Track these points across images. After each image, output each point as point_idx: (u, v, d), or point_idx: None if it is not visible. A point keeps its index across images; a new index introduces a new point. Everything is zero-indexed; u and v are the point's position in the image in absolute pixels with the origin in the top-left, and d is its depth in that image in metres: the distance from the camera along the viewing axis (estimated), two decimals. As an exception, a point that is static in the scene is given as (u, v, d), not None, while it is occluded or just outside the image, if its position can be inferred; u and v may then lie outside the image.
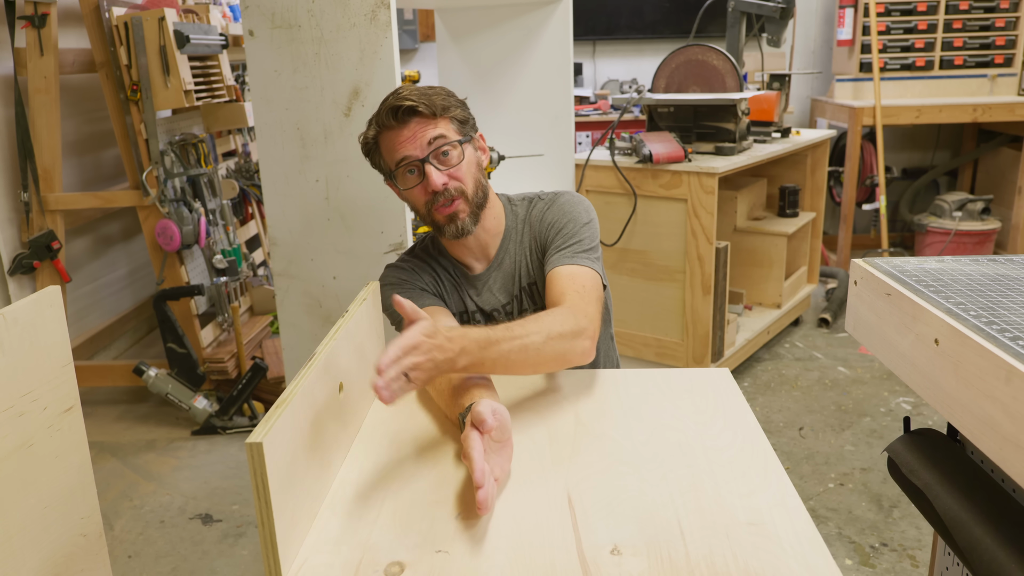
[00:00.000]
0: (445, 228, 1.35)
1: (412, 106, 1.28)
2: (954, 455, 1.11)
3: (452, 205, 1.33)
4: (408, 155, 1.30)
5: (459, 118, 1.34)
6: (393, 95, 1.32)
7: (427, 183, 1.31)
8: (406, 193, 1.36)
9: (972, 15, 4.11)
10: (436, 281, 1.46)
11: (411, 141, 1.30)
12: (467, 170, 1.34)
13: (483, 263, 1.45)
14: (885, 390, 3.01)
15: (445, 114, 1.32)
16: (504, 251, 1.44)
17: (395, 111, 1.29)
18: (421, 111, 1.29)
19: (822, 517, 2.23)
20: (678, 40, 4.29)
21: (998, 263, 1.21)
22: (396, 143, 1.31)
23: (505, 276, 1.45)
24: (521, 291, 1.45)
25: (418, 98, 1.29)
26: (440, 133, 1.31)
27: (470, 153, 1.35)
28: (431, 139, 1.30)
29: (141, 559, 2.15)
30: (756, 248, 3.40)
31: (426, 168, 1.30)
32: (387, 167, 1.35)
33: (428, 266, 1.46)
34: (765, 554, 0.81)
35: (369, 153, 1.37)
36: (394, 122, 1.30)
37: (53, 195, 2.82)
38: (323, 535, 0.87)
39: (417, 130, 1.30)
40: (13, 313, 0.98)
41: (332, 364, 1.00)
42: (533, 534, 0.86)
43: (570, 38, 2.50)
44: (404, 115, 1.29)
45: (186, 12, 3.06)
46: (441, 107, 1.31)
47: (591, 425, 1.11)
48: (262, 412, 2.89)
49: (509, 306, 1.45)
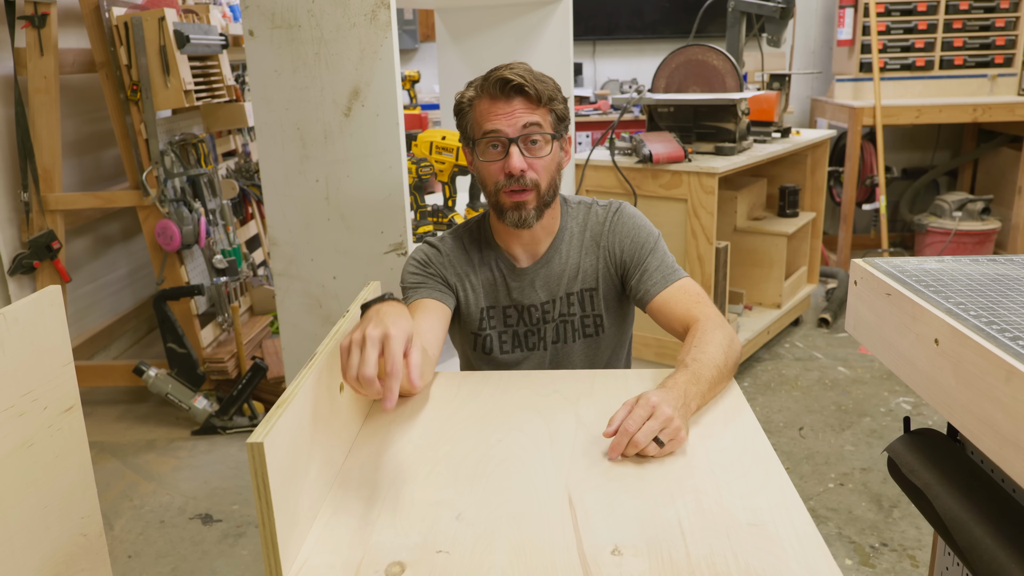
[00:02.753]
0: (507, 213, 1.35)
1: (521, 85, 1.28)
2: (954, 455, 1.11)
3: (523, 194, 1.32)
4: (499, 129, 1.30)
5: (559, 113, 1.34)
6: (507, 67, 1.30)
7: (507, 163, 1.30)
8: (481, 165, 1.35)
9: (972, 15, 4.11)
10: (467, 272, 1.44)
11: (507, 117, 1.29)
12: (547, 165, 1.34)
13: (529, 258, 1.44)
14: (885, 390, 3.01)
15: (548, 104, 1.31)
16: (554, 251, 1.44)
17: (503, 83, 1.28)
18: (528, 92, 1.28)
19: (822, 517, 2.23)
20: (678, 40, 4.29)
21: (998, 263, 1.21)
22: (491, 113, 1.30)
23: (551, 275, 1.44)
24: (571, 295, 1.44)
25: (530, 80, 1.28)
26: (537, 120, 1.30)
27: (556, 150, 1.35)
28: (527, 123, 1.30)
29: (141, 559, 2.15)
30: (756, 248, 3.40)
31: (511, 148, 1.30)
32: (472, 132, 1.35)
33: (466, 254, 1.45)
34: (765, 554, 0.81)
35: (459, 113, 1.36)
36: (499, 93, 1.29)
37: (53, 195, 2.82)
38: (323, 535, 0.87)
39: (517, 109, 1.29)
40: (13, 313, 0.98)
41: (332, 364, 1.00)
42: (533, 534, 0.86)
43: (570, 38, 2.50)
44: (511, 91, 1.28)
45: (186, 12, 3.06)
46: (547, 96, 1.31)
47: (591, 425, 1.11)
48: (262, 412, 2.89)
49: (548, 305, 1.44)
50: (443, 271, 1.44)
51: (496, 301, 1.45)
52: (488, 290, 1.45)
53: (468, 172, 2.08)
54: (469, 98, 1.34)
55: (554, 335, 1.46)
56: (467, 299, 1.45)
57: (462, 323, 1.48)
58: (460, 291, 1.45)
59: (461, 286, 1.45)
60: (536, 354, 1.47)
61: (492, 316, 1.45)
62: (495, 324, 1.46)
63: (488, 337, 1.46)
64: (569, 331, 1.45)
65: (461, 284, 1.45)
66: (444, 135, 2.08)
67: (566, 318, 1.45)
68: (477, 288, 1.45)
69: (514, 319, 1.45)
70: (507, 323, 1.45)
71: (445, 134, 2.08)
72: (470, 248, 1.46)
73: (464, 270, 1.45)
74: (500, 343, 1.46)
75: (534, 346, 1.46)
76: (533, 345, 1.46)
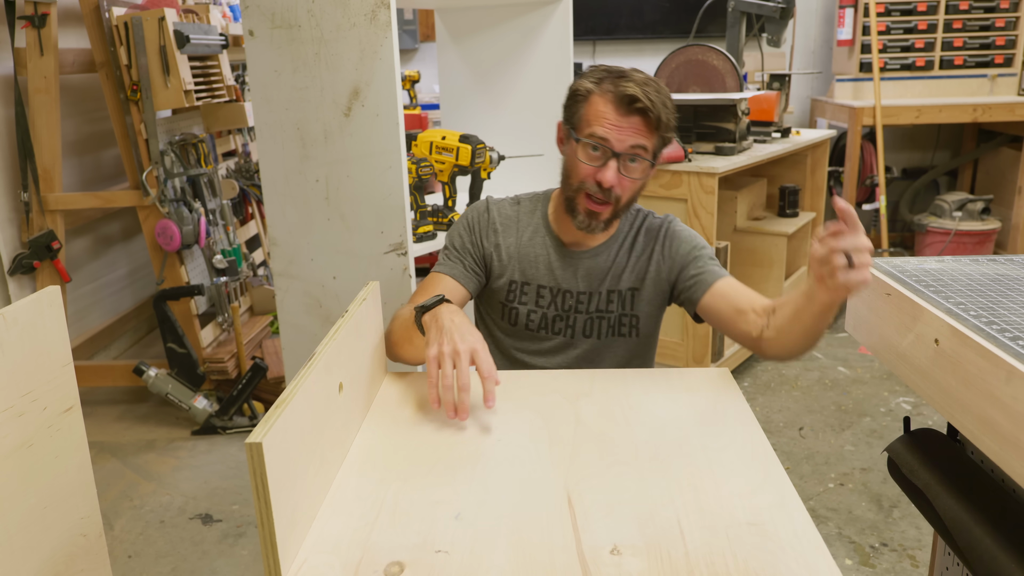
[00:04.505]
0: (577, 215, 1.36)
1: (645, 108, 1.27)
2: (954, 455, 1.11)
3: (602, 206, 1.34)
4: (608, 139, 1.29)
5: (666, 140, 1.34)
6: (638, 82, 1.28)
7: (601, 173, 1.30)
8: (574, 159, 1.35)
9: (972, 15, 4.11)
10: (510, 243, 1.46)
11: (619, 131, 1.29)
12: (635, 185, 1.35)
13: (578, 246, 1.45)
14: (885, 390, 3.01)
15: (662, 131, 1.31)
16: (605, 248, 1.45)
17: (629, 100, 1.27)
18: (649, 116, 1.28)
19: (822, 517, 2.23)
20: (678, 40, 4.29)
21: (998, 263, 1.21)
22: (605, 119, 1.29)
23: (595, 268, 1.45)
24: (611, 292, 1.45)
25: (655, 105, 1.28)
26: (645, 144, 1.30)
27: (647, 174, 1.36)
28: (636, 144, 1.30)
29: (141, 559, 2.15)
30: (756, 248, 3.40)
31: (611, 162, 1.30)
32: (578, 123, 1.33)
33: (517, 224, 1.47)
34: (765, 554, 0.81)
35: (572, 97, 1.35)
36: (620, 105, 1.28)
37: (53, 195, 2.82)
38: (323, 535, 0.87)
39: (633, 127, 1.29)
40: (13, 313, 0.98)
41: (332, 364, 1.00)
42: (532, 534, 0.85)
43: (570, 38, 2.50)
44: (634, 108, 1.28)
45: (186, 12, 3.06)
46: (664, 124, 1.30)
47: (591, 425, 1.11)
48: (262, 412, 2.89)
49: (584, 296, 1.45)
50: (483, 239, 1.47)
51: (533, 278, 1.46)
52: (528, 265, 1.46)
53: (468, 172, 2.08)
54: (587, 90, 1.32)
55: (586, 328, 1.47)
56: (500, 268, 1.47)
57: (490, 291, 1.50)
58: (495, 260, 1.47)
59: (496, 256, 1.47)
60: (561, 341, 1.48)
61: (526, 292, 1.46)
62: (526, 300, 1.47)
63: (516, 311, 1.48)
64: (604, 328, 1.47)
65: (497, 253, 1.47)
66: (444, 135, 2.08)
67: (603, 315, 1.46)
68: (515, 259, 1.46)
69: (547, 300, 1.46)
70: (539, 302, 1.46)
71: (445, 134, 2.08)
72: (524, 219, 1.48)
73: (507, 240, 1.47)
74: (528, 320, 1.48)
75: (560, 331, 1.47)
76: (559, 331, 1.47)
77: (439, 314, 1.20)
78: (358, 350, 1.15)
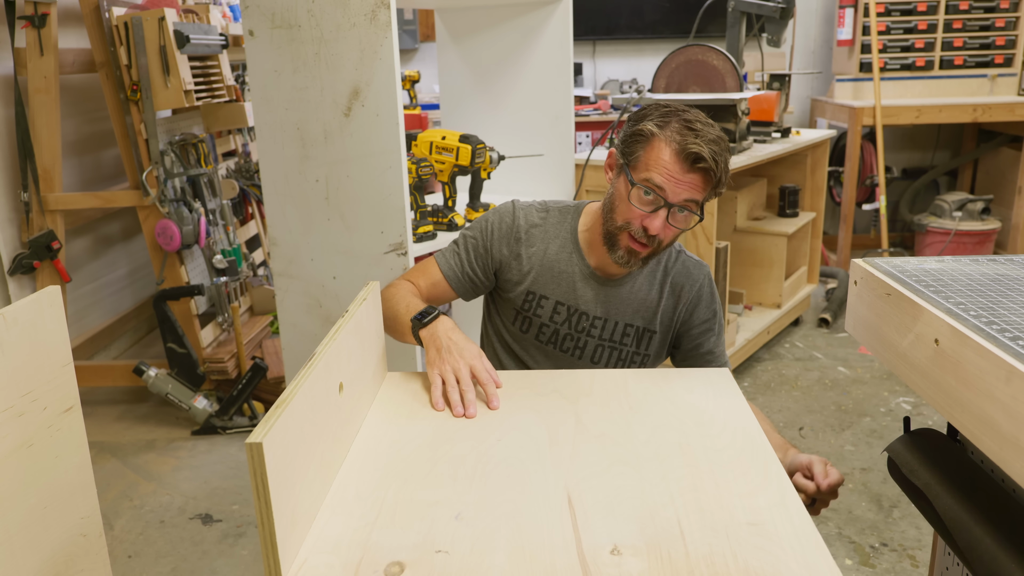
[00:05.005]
0: (617, 251, 1.36)
1: (708, 169, 1.26)
2: (954, 455, 1.11)
3: (643, 248, 1.34)
4: (665, 189, 1.28)
5: (716, 194, 1.34)
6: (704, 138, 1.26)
7: (650, 220, 1.30)
8: (624, 198, 1.33)
9: (972, 15, 4.11)
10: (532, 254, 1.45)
11: (677, 184, 1.27)
12: (677, 233, 1.35)
13: (603, 272, 1.45)
14: (885, 390, 3.01)
15: (714, 187, 1.31)
16: (631, 277, 1.45)
17: (695, 159, 1.26)
18: (708, 176, 1.28)
19: (822, 517, 2.23)
20: (678, 40, 4.29)
21: (998, 263, 1.21)
22: (665, 172, 1.27)
23: (615, 297, 1.45)
24: (628, 326, 1.45)
25: (719, 166, 1.27)
26: (697, 199, 1.30)
27: (693, 222, 1.35)
28: (689, 199, 1.29)
29: (141, 559, 2.15)
30: (756, 248, 3.40)
31: (661, 211, 1.29)
32: (636, 163, 1.31)
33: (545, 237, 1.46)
34: (765, 554, 0.81)
35: (633, 134, 1.32)
36: (685, 161, 1.26)
37: (53, 195, 2.82)
38: (323, 535, 0.87)
39: (690, 181, 1.28)
40: (13, 313, 0.98)
41: (332, 364, 1.00)
42: (533, 534, 0.85)
43: (570, 38, 2.50)
44: (697, 167, 1.27)
45: (186, 12, 3.06)
46: (719, 182, 1.30)
47: (591, 425, 1.11)
48: (262, 412, 2.89)
49: (599, 322, 1.45)
50: (501, 246, 1.45)
51: (553, 293, 1.45)
52: (551, 279, 1.45)
53: (468, 172, 2.08)
54: (651, 132, 1.29)
55: (596, 355, 1.47)
56: (519, 276, 1.46)
57: (506, 297, 1.49)
58: (512, 268, 1.46)
59: (517, 264, 1.45)
60: (565, 357, 1.48)
61: (543, 305, 1.46)
62: (542, 313, 1.46)
63: (530, 321, 1.47)
64: (615, 359, 1.47)
65: (518, 262, 1.45)
66: (444, 135, 2.08)
67: (616, 346, 1.46)
68: (537, 273, 1.45)
69: (562, 317, 1.46)
70: (554, 318, 1.46)
71: (445, 134, 2.08)
72: (552, 231, 1.46)
73: (530, 249, 1.45)
74: (539, 332, 1.48)
75: (568, 350, 1.47)
76: (567, 349, 1.47)
77: (436, 332, 1.26)
78: (358, 350, 1.15)
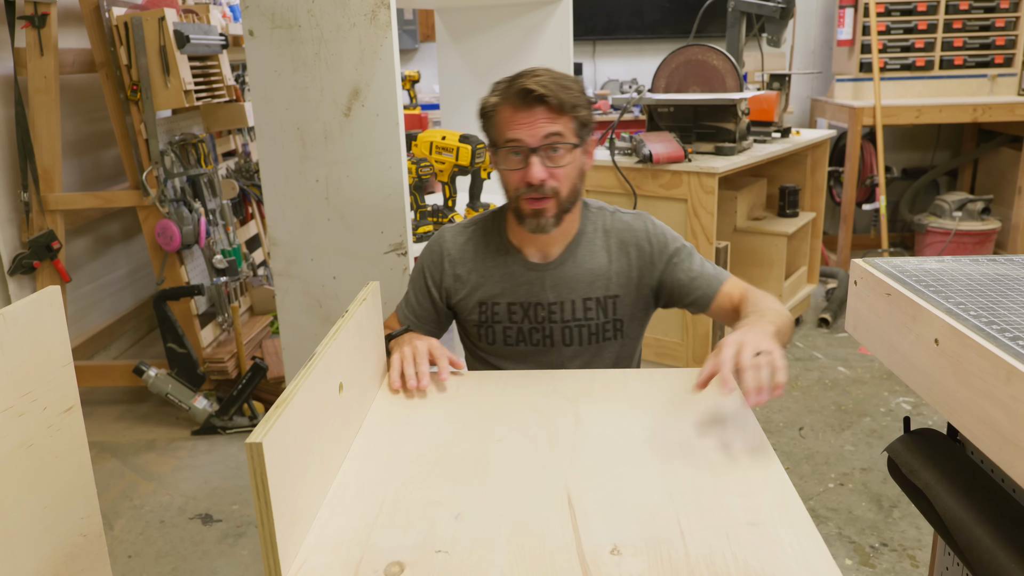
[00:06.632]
0: (526, 220, 1.35)
1: (543, 95, 1.27)
2: (954, 455, 1.11)
3: (542, 202, 1.33)
4: (520, 139, 1.30)
5: (582, 120, 1.33)
6: (530, 75, 1.30)
7: (527, 172, 1.30)
8: (502, 172, 1.35)
9: (972, 15, 4.11)
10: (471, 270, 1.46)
11: (529, 127, 1.29)
12: (568, 173, 1.33)
13: (542, 258, 1.44)
14: (885, 390, 3.01)
15: (571, 112, 1.30)
16: (570, 253, 1.43)
17: (525, 94, 1.28)
18: (550, 102, 1.27)
19: (822, 517, 2.23)
20: (678, 40, 4.29)
21: (998, 263, 1.21)
22: (513, 122, 1.30)
23: (563, 277, 1.43)
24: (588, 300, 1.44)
25: (552, 89, 1.27)
26: (559, 130, 1.30)
27: (578, 157, 1.35)
28: (548, 133, 1.29)
29: (141, 559, 2.15)
30: (756, 248, 3.40)
31: (532, 158, 1.30)
32: (495, 138, 1.35)
33: (476, 250, 1.46)
34: (765, 554, 0.81)
35: (484, 117, 1.36)
36: (519, 103, 1.29)
37: (53, 195, 2.82)
38: (323, 535, 0.87)
39: (538, 119, 1.29)
40: (13, 313, 0.98)
41: (332, 364, 1.00)
42: (532, 534, 0.86)
43: (570, 38, 2.50)
44: (533, 100, 1.28)
45: (186, 12, 3.06)
46: (571, 104, 1.29)
47: (591, 425, 1.11)
48: (262, 412, 2.89)
49: (556, 306, 1.44)
50: (441, 278, 1.48)
51: (502, 296, 1.45)
52: (495, 285, 1.45)
53: (468, 172, 2.08)
54: (492, 104, 1.33)
55: (565, 337, 1.45)
56: (467, 296, 1.46)
57: (464, 320, 1.50)
58: (457, 291, 1.47)
59: (459, 286, 1.47)
60: (538, 351, 1.47)
61: (496, 311, 1.46)
62: (499, 318, 1.46)
63: (492, 330, 1.47)
64: (585, 335, 1.46)
65: (458, 284, 1.47)
66: (444, 135, 2.08)
67: (582, 323, 1.44)
68: (480, 283, 1.45)
69: (519, 315, 1.45)
70: (512, 319, 1.46)
71: (445, 134, 2.08)
72: (482, 244, 1.47)
73: (468, 269, 1.46)
74: (504, 336, 1.47)
75: (538, 342, 1.47)
76: (537, 341, 1.47)
77: (402, 338, 1.38)
78: (358, 350, 1.15)
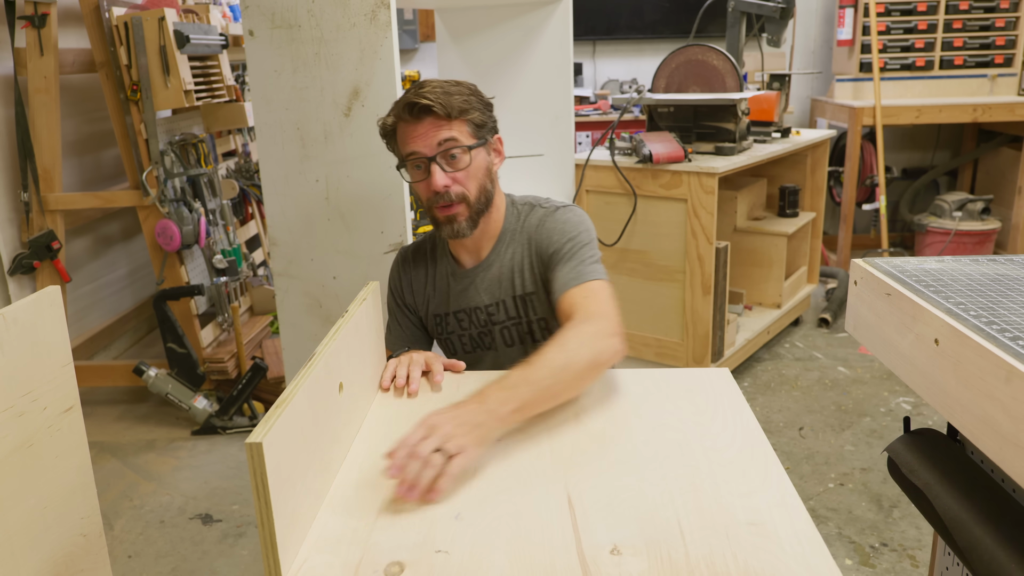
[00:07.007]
0: (443, 227, 1.38)
1: (428, 105, 1.29)
2: (954, 455, 1.11)
3: (451, 208, 1.34)
4: (417, 151, 1.33)
5: (476, 121, 1.35)
6: (415, 89, 1.33)
7: (431, 181, 1.33)
8: (412, 186, 1.40)
9: (972, 15, 4.11)
10: (423, 286, 1.51)
11: (423, 138, 1.32)
12: (472, 175, 1.35)
13: (474, 261, 1.46)
14: (885, 390, 3.01)
15: (461, 116, 1.32)
16: (496, 253, 1.44)
17: (411, 107, 1.31)
18: (436, 111, 1.30)
19: (822, 517, 2.23)
20: (678, 40, 4.29)
21: (998, 263, 1.21)
22: (409, 136, 1.33)
23: (493, 279, 1.44)
24: (514, 299, 1.44)
25: (436, 97, 1.30)
26: (452, 136, 1.31)
27: (480, 158, 1.36)
28: (442, 140, 1.31)
29: (141, 559, 2.15)
30: (756, 248, 3.40)
31: (431, 167, 1.32)
32: (399, 156, 1.38)
33: (422, 268, 1.52)
34: (765, 554, 0.81)
35: (386, 137, 1.40)
36: (409, 116, 1.32)
37: (53, 195, 2.82)
38: (323, 535, 0.87)
39: (430, 129, 1.31)
40: (13, 313, 0.98)
41: (332, 364, 1.00)
42: (533, 534, 0.86)
43: (570, 38, 2.50)
44: (420, 112, 1.31)
45: (186, 12, 3.06)
46: (458, 109, 1.32)
47: (591, 425, 1.11)
48: (262, 412, 2.89)
49: (492, 308, 1.45)
50: (404, 294, 1.53)
51: (448, 307, 1.48)
52: (442, 297, 1.49)
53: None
54: (390, 123, 1.37)
55: (506, 338, 1.47)
56: (425, 312, 1.52)
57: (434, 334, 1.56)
58: (418, 305, 1.53)
59: (418, 300, 1.53)
60: (490, 355, 1.49)
61: (448, 322, 1.49)
62: (452, 328, 1.50)
63: (450, 340, 1.52)
64: (521, 335, 1.46)
65: (416, 299, 1.53)
66: (444, 135, 2.08)
67: (515, 321, 1.45)
68: (433, 297, 1.50)
69: (465, 322, 1.48)
70: (462, 326, 1.49)
71: (445, 134, 2.08)
72: (427, 260, 1.52)
73: (420, 286, 1.52)
74: (461, 345, 1.51)
75: (488, 346, 1.49)
76: (488, 345, 1.49)
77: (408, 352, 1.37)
78: (358, 350, 1.15)
